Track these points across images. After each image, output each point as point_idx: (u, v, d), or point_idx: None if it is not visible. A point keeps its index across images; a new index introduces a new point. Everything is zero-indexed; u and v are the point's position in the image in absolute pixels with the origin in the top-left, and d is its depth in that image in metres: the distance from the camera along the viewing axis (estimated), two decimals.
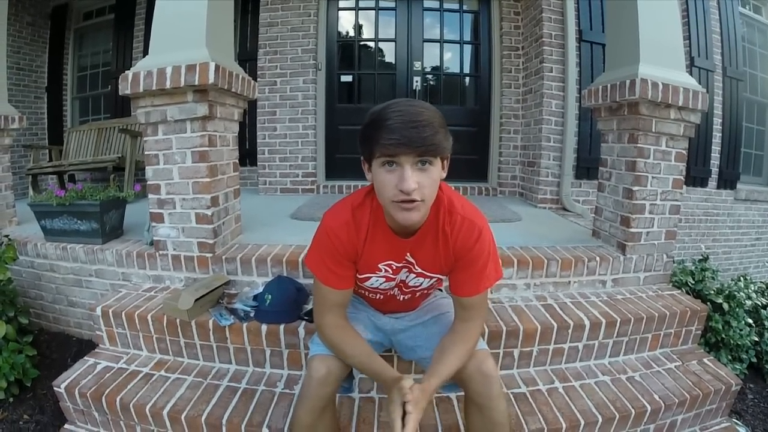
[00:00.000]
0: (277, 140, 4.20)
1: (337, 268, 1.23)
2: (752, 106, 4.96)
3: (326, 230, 1.21)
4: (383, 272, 1.28)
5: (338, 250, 1.21)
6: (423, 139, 0.99)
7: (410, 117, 1.00)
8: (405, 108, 1.02)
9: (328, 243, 1.21)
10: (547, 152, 3.71)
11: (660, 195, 2.32)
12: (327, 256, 1.22)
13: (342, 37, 4.44)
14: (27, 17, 4.90)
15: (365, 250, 1.23)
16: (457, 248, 1.21)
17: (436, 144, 1.01)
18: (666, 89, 2.13)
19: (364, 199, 1.23)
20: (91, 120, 5.11)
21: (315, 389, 1.24)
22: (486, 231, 1.21)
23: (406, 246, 1.24)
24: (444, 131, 1.04)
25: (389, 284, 1.32)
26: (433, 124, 1.01)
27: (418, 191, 1.03)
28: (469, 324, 1.25)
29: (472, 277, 1.22)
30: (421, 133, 0.99)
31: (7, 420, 1.89)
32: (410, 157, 1.01)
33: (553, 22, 3.63)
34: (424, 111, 1.02)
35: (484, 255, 1.21)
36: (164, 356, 1.99)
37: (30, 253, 2.55)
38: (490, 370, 1.24)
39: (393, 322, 1.49)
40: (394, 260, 1.26)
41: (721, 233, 4.71)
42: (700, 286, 2.45)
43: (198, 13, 2.02)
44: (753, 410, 2.12)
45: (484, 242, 1.21)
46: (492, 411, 1.25)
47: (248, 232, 2.59)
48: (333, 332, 1.25)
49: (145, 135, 2.15)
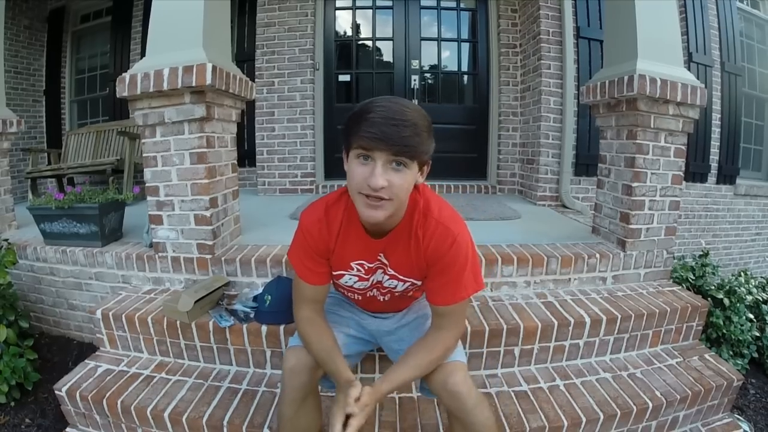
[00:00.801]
0: (276, 141, 4.20)
1: (310, 264, 1.25)
2: (751, 101, 4.95)
3: (301, 227, 1.24)
4: (355, 271, 1.28)
5: (311, 246, 1.23)
6: (401, 139, 0.98)
7: (392, 114, 0.99)
8: (389, 104, 1.01)
9: (302, 239, 1.24)
10: (546, 149, 3.71)
11: (659, 191, 2.31)
12: (302, 251, 1.25)
13: (339, 36, 4.44)
14: (24, 20, 4.90)
15: (337, 248, 1.23)
16: (429, 253, 1.17)
17: (413, 146, 1.00)
18: (664, 85, 2.12)
19: (339, 197, 1.23)
20: (89, 123, 5.11)
21: (288, 380, 1.26)
22: (462, 238, 1.16)
23: (377, 246, 1.22)
24: (426, 135, 1.02)
25: (363, 284, 1.32)
26: (415, 125, 0.99)
27: (386, 190, 1.02)
28: (441, 333, 1.21)
29: (446, 285, 1.17)
30: (400, 132, 0.97)
31: (9, 424, 1.89)
32: (385, 153, 1.00)
33: (550, 18, 3.63)
34: (408, 111, 1.01)
35: (459, 262, 1.16)
36: (165, 358, 1.99)
37: (30, 257, 2.54)
38: (456, 386, 1.18)
39: (378, 323, 1.48)
40: (366, 260, 1.25)
41: (721, 228, 4.71)
42: (701, 281, 2.45)
43: (195, 14, 2.02)
44: (755, 405, 2.12)
45: (460, 249, 1.15)
46: (472, 425, 1.21)
47: (247, 233, 2.59)
48: (304, 326, 1.27)
49: (143, 137, 2.15)
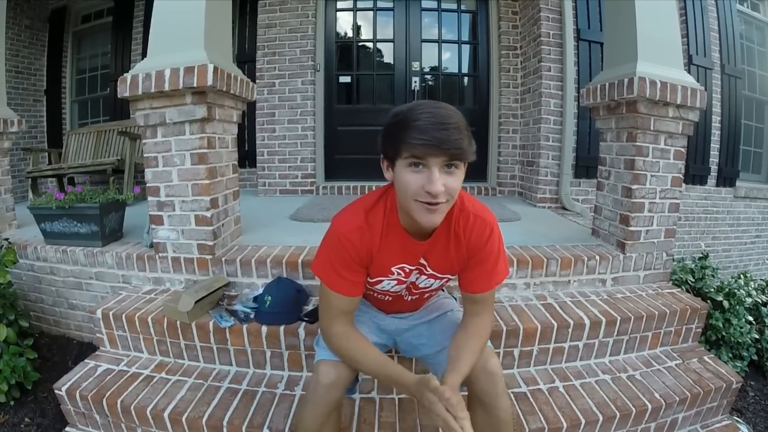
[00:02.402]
0: (276, 142, 4.20)
1: (348, 274, 1.19)
2: (751, 104, 4.96)
3: (337, 235, 1.17)
4: (395, 275, 1.26)
5: (351, 255, 1.17)
6: (452, 142, 0.98)
7: (440, 119, 0.99)
8: (434, 110, 1.01)
9: (339, 248, 1.17)
10: (546, 151, 3.71)
11: (659, 193, 2.32)
12: (338, 262, 1.18)
13: (340, 38, 4.45)
14: (25, 20, 4.90)
15: (378, 254, 1.20)
16: (470, 246, 1.22)
17: (463, 148, 1.00)
18: (664, 87, 2.13)
19: (377, 201, 1.21)
20: (90, 123, 5.12)
21: (323, 395, 1.22)
22: (496, 227, 1.23)
23: (421, 248, 1.22)
24: (469, 135, 1.03)
25: (400, 287, 1.32)
26: (460, 128, 1.00)
27: (444, 194, 1.02)
28: (480, 319, 1.26)
29: (483, 273, 1.23)
30: (451, 135, 0.98)
31: (8, 423, 1.89)
32: (439, 159, 1.00)
33: (551, 21, 3.63)
34: (453, 114, 1.02)
35: (495, 252, 1.22)
36: (165, 358, 1.99)
37: (30, 257, 2.54)
38: (495, 367, 1.24)
39: (397, 323, 1.49)
40: (407, 263, 1.25)
41: (720, 231, 4.71)
42: (700, 284, 2.45)
43: (196, 15, 2.02)
44: (754, 408, 2.12)
45: (495, 239, 1.22)
46: (497, 409, 1.25)
47: (248, 233, 2.59)
48: (342, 342, 1.22)
49: (144, 137, 2.15)
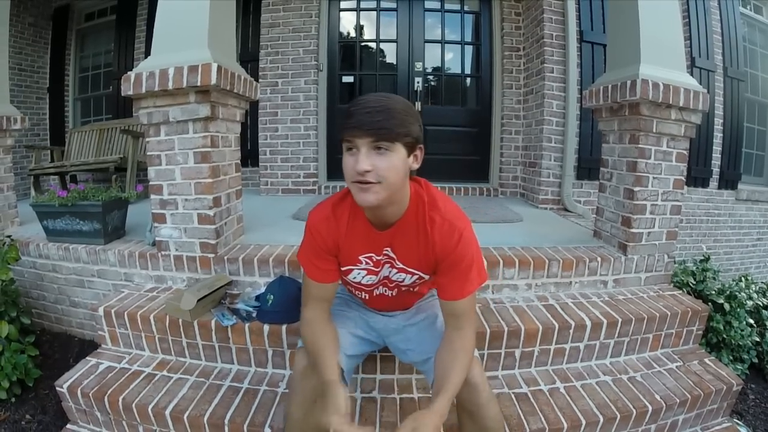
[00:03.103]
0: (279, 141, 4.21)
1: (318, 262, 1.28)
2: (753, 107, 4.95)
3: (309, 226, 1.29)
4: (364, 264, 1.30)
5: (319, 244, 1.27)
6: (374, 123, 1.04)
7: (367, 104, 1.06)
8: (369, 98, 1.09)
9: (310, 238, 1.28)
10: (549, 153, 3.71)
11: (661, 195, 2.32)
12: (310, 250, 1.29)
13: (343, 37, 4.45)
14: (29, 18, 4.91)
15: (345, 243, 1.27)
16: (437, 250, 1.21)
17: (387, 128, 1.05)
18: (667, 90, 2.13)
19: (345, 195, 1.27)
20: (92, 121, 5.12)
21: (298, 382, 1.29)
22: (468, 233, 1.20)
23: (383, 238, 1.25)
24: (403, 117, 1.07)
25: (372, 278, 1.33)
26: (389, 109, 1.05)
27: (373, 173, 1.07)
28: (463, 332, 1.23)
29: (455, 279, 1.21)
30: (374, 117, 1.04)
31: (10, 420, 1.89)
32: (365, 140, 1.06)
33: (554, 22, 3.63)
34: (384, 99, 1.08)
35: (467, 257, 1.20)
36: (166, 356, 2.00)
37: (32, 254, 2.55)
38: (476, 378, 1.23)
39: (386, 321, 1.49)
40: (373, 252, 1.28)
41: (722, 233, 4.71)
42: (702, 286, 2.46)
43: (200, 14, 2.03)
44: (754, 410, 2.12)
45: (466, 244, 1.20)
46: (483, 418, 1.26)
47: (250, 232, 2.60)
48: (304, 327, 1.30)
49: (148, 136, 2.16)
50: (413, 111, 1.12)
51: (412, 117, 1.10)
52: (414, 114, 1.11)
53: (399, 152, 1.08)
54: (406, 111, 1.09)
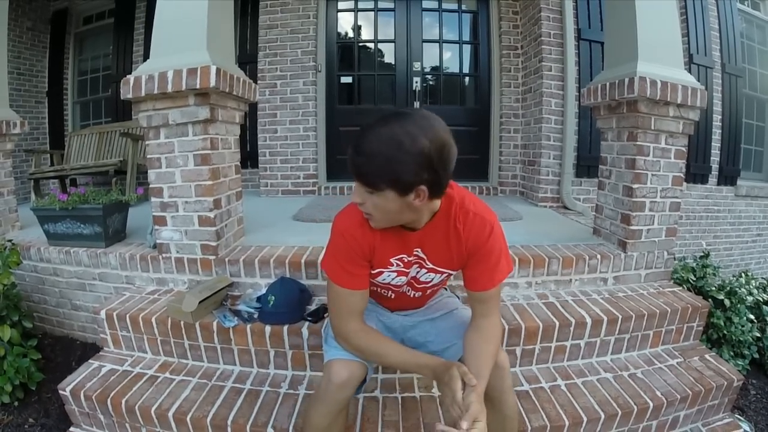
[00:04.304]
0: (278, 142, 4.21)
1: (353, 269, 1.23)
2: (752, 103, 4.96)
3: (341, 231, 1.23)
4: (395, 266, 1.29)
5: (354, 249, 1.22)
6: (355, 167, 1.05)
7: (358, 143, 1.04)
8: (360, 133, 1.05)
9: (343, 244, 1.22)
10: (548, 151, 3.72)
11: (660, 192, 2.32)
12: (342, 257, 1.23)
13: (341, 38, 4.46)
14: (27, 22, 4.92)
15: (379, 246, 1.24)
16: (470, 244, 1.23)
17: (364, 174, 1.05)
18: (665, 87, 2.13)
19: None
20: (92, 124, 5.14)
21: (334, 393, 1.24)
22: (497, 226, 1.24)
23: (414, 239, 1.25)
24: (386, 164, 1.01)
25: (401, 279, 1.34)
26: (371, 155, 1.02)
27: (364, 206, 1.11)
28: (490, 319, 1.26)
29: (486, 271, 1.24)
30: (354, 161, 1.04)
31: (13, 424, 1.90)
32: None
33: (551, 20, 3.63)
34: (369, 141, 1.03)
35: (496, 250, 1.24)
36: (169, 358, 2.01)
37: (33, 258, 2.56)
38: (504, 362, 1.26)
39: (402, 320, 1.50)
40: (405, 254, 1.28)
41: (722, 230, 4.71)
42: (702, 282, 2.46)
43: (198, 16, 2.03)
44: (755, 406, 2.13)
45: (497, 237, 1.23)
46: (503, 404, 1.28)
47: (251, 234, 2.60)
48: (361, 339, 1.25)
49: (147, 138, 2.16)
50: (409, 153, 0.99)
51: (402, 163, 1.00)
52: (408, 156, 0.99)
53: (386, 195, 1.05)
54: (393, 156, 0.99)
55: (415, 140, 0.99)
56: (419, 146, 0.99)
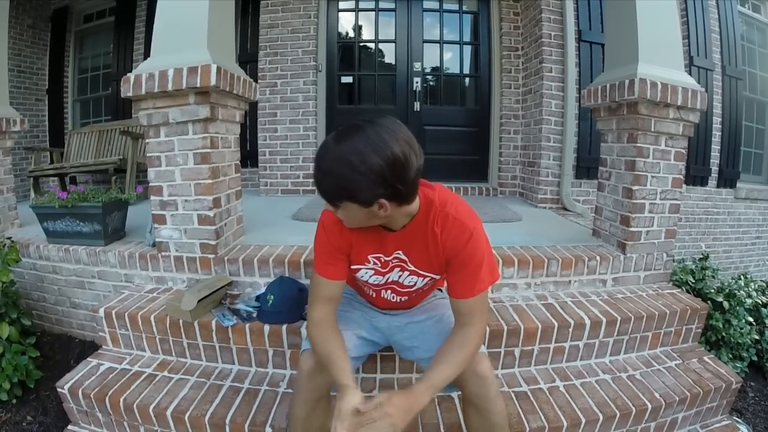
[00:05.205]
0: (278, 142, 4.21)
1: (329, 258, 1.29)
2: (752, 105, 4.96)
3: (323, 224, 1.29)
4: (372, 264, 1.31)
5: (331, 242, 1.27)
6: (317, 181, 1.09)
7: (318, 161, 1.07)
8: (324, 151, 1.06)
9: (323, 235, 1.29)
10: (547, 152, 3.72)
11: (660, 194, 2.32)
12: (321, 247, 1.30)
13: (342, 38, 4.46)
14: (28, 20, 4.91)
15: (356, 242, 1.28)
16: (447, 248, 1.22)
17: (325, 191, 1.09)
18: (665, 89, 2.13)
19: None
20: (92, 122, 5.12)
21: (305, 382, 1.30)
22: (478, 232, 1.20)
23: (392, 240, 1.26)
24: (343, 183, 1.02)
25: (378, 279, 1.34)
26: (328, 173, 1.04)
27: (335, 212, 1.16)
28: (467, 329, 1.22)
29: (465, 278, 1.21)
30: (316, 176, 1.08)
31: (11, 421, 1.90)
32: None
33: (552, 22, 3.64)
34: (326, 161, 1.04)
35: (477, 256, 1.20)
36: (167, 357, 2.00)
37: (32, 255, 2.55)
38: (485, 371, 1.25)
39: (389, 320, 1.50)
40: (382, 253, 1.29)
41: (721, 232, 4.72)
42: (701, 284, 2.46)
43: (199, 15, 2.03)
44: (754, 408, 2.13)
45: (477, 243, 1.20)
46: (489, 412, 1.27)
47: (250, 233, 2.60)
48: (312, 328, 1.30)
49: (147, 137, 2.16)
50: (360, 172, 0.99)
51: (354, 182, 1.00)
52: (360, 176, 0.99)
53: (348, 206, 1.08)
54: (345, 175, 1.00)
55: (365, 160, 0.99)
56: (369, 165, 0.99)
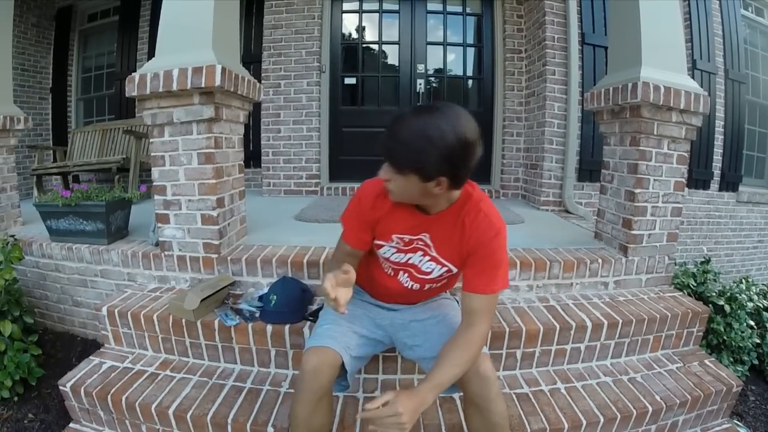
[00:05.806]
0: (281, 142, 4.22)
1: (353, 225, 1.39)
2: (754, 109, 4.96)
3: (359, 195, 1.37)
4: (395, 243, 1.36)
5: (360, 213, 1.36)
6: (384, 147, 1.14)
7: (392, 126, 1.13)
8: (401, 119, 1.12)
9: (356, 205, 1.37)
10: (550, 155, 3.72)
11: (662, 197, 2.32)
12: (352, 216, 1.39)
13: (346, 39, 4.46)
14: (32, 18, 4.94)
15: (385, 220, 1.33)
16: (472, 240, 1.25)
17: (391, 158, 1.14)
18: (668, 92, 2.14)
19: None
20: (95, 121, 5.14)
21: (308, 381, 1.29)
22: (503, 235, 1.26)
23: (422, 222, 1.30)
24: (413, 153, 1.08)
25: (400, 257, 1.37)
26: (403, 142, 1.09)
27: (388, 183, 1.20)
28: (473, 329, 1.24)
29: (483, 272, 1.24)
30: (386, 142, 1.13)
31: (12, 419, 1.90)
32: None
33: (555, 25, 3.65)
34: (404, 130, 1.10)
35: (497, 255, 1.25)
36: (169, 356, 2.01)
37: (35, 253, 2.56)
38: (488, 371, 1.27)
39: (392, 316, 1.51)
40: (409, 234, 1.33)
41: (723, 235, 4.72)
42: (702, 288, 2.46)
43: (204, 16, 2.04)
44: (754, 412, 2.13)
45: (500, 243, 1.25)
46: (491, 413, 1.28)
47: (253, 233, 2.61)
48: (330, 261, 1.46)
49: (151, 136, 2.17)
50: (435, 146, 1.06)
51: (427, 153, 1.06)
52: (434, 149, 1.06)
53: (409, 179, 1.13)
54: (420, 146, 1.06)
55: (444, 136, 1.06)
56: (446, 142, 1.06)
